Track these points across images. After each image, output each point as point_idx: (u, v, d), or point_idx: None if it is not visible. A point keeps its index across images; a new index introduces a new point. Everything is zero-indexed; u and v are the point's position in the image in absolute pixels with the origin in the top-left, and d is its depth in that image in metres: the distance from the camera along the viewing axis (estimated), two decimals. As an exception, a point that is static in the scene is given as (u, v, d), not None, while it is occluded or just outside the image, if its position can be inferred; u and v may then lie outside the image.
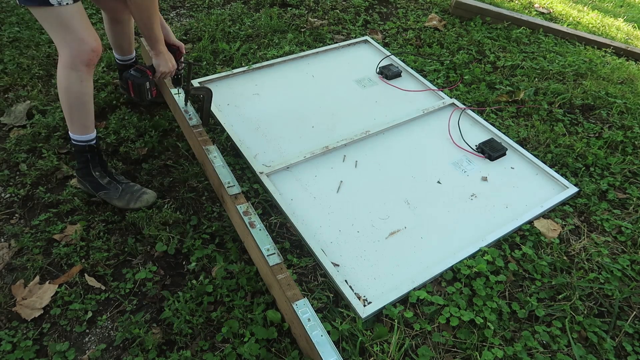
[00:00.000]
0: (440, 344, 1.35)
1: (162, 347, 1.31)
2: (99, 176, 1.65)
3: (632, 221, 1.77)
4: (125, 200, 1.65)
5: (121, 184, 1.67)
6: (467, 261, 1.56)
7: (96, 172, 1.65)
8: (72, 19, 1.37)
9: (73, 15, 1.37)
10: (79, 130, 1.58)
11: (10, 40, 2.47)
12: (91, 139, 1.61)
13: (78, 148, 1.61)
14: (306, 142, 1.98)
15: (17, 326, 1.34)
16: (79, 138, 1.59)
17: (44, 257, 1.52)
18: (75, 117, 1.55)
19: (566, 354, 1.36)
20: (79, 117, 1.55)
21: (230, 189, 1.61)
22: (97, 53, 1.45)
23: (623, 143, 2.15)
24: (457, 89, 2.41)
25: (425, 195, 1.79)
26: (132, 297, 1.43)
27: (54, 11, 1.34)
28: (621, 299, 1.50)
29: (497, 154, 1.96)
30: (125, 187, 1.67)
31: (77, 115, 1.55)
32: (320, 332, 1.23)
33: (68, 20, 1.37)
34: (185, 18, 2.85)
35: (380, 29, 2.92)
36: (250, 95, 2.21)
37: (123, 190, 1.66)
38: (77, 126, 1.57)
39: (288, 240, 1.61)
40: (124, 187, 1.67)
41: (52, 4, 1.32)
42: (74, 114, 1.54)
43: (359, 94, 2.30)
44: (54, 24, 1.38)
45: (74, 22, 1.38)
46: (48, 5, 1.32)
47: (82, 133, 1.59)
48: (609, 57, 2.93)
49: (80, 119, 1.56)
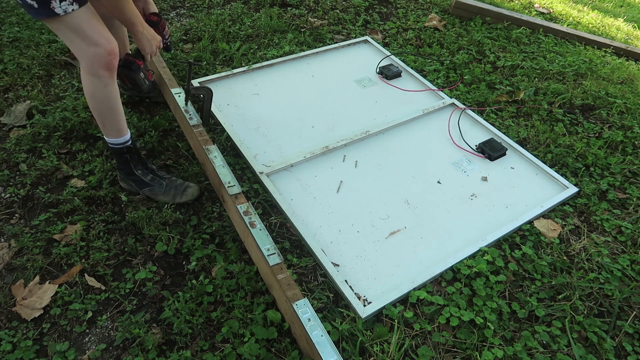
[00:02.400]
0: (440, 344, 1.35)
1: (162, 347, 1.31)
2: (142, 174, 1.66)
3: (632, 221, 1.77)
4: (171, 195, 1.66)
5: (164, 179, 1.68)
6: (467, 261, 1.56)
7: (138, 170, 1.66)
8: (82, 24, 1.33)
9: (82, 20, 1.33)
10: (113, 134, 1.58)
11: (10, 40, 2.47)
12: (126, 140, 1.62)
13: (116, 150, 1.62)
14: (306, 142, 1.98)
15: (17, 326, 1.34)
16: (115, 141, 1.60)
17: (44, 257, 1.52)
18: (106, 121, 1.55)
19: (566, 354, 1.36)
20: (110, 121, 1.55)
21: (231, 189, 1.61)
22: (114, 55, 1.41)
23: (623, 143, 2.15)
24: (457, 89, 2.41)
25: (425, 195, 1.79)
26: (132, 297, 1.43)
27: (62, 21, 1.31)
28: (621, 299, 1.50)
29: (497, 154, 1.96)
30: (168, 182, 1.68)
31: (108, 119, 1.54)
32: (320, 332, 1.23)
33: (78, 27, 1.33)
34: (185, 18, 2.85)
35: (380, 29, 2.92)
36: (250, 95, 2.21)
37: (167, 185, 1.67)
38: (111, 130, 1.57)
39: (288, 240, 1.61)
40: (167, 182, 1.68)
41: (58, 14, 1.29)
42: (105, 119, 1.54)
43: (359, 94, 2.30)
44: (66, 32, 1.35)
45: (85, 27, 1.34)
46: (55, 15, 1.29)
47: (116, 136, 1.59)
48: (609, 57, 2.93)
49: (112, 123, 1.56)
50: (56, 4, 1.27)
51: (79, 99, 2.09)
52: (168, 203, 1.67)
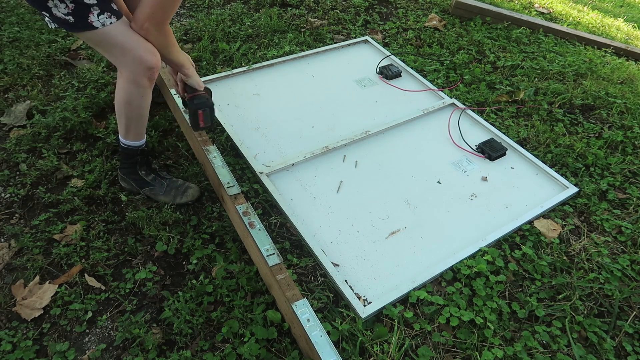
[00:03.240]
0: (440, 344, 1.35)
1: (162, 347, 1.31)
2: (144, 174, 1.67)
3: (632, 221, 1.77)
4: (171, 195, 1.67)
5: (165, 180, 1.69)
6: (467, 261, 1.56)
7: (142, 170, 1.67)
8: (121, 37, 1.30)
9: (123, 33, 1.30)
10: (133, 138, 1.59)
11: (10, 40, 2.47)
12: (142, 144, 1.64)
13: (129, 151, 1.63)
14: (306, 142, 1.98)
15: (17, 326, 1.34)
16: (132, 144, 1.61)
17: (44, 257, 1.52)
18: (132, 127, 1.56)
19: (566, 354, 1.36)
20: (136, 127, 1.57)
21: (230, 189, 1.61)
22: (156, 68, 1.40)
23: (623, 143, 2.15)
24: (457, 89, 2.41)
25: (425, 195, 1.79)
26: (132, 297, 1.43)
27: (101, 34, 1.28)
28: (621, 299, 1.50)
29: (497, 154, 1.96)
30: (169, 183, 1.68)
31: (134, 125, 1.56)
32: (319, 333, 1.23)
33: (119, 40, 1.30)
34: (185, 18, 2.85)
35: (380, 29, 2.92)
36: (250, 95, 2.21)
37: (168, 185, 1.67)
38: (133, 135, 1.59)
39: (288, 240, 1.61)
40: (168, 182, 1.68)
41: (96, 27, 1.26)
42: (131, 125, 1.55)
43: (359, 94, 2.30)
44: (106, 46, 1.33)
45: (126, 40, 1.31)
46: (93, 28, 1.26)
47: (136, 140, 1.60)
48: (609, 57, 2.93)
49: (137, 129, 1.58)
50: (94, 18, 1.25)
51: (79, 99, 2.09)
52: (168, 203, 1.67)
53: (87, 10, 1.24)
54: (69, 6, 1.23)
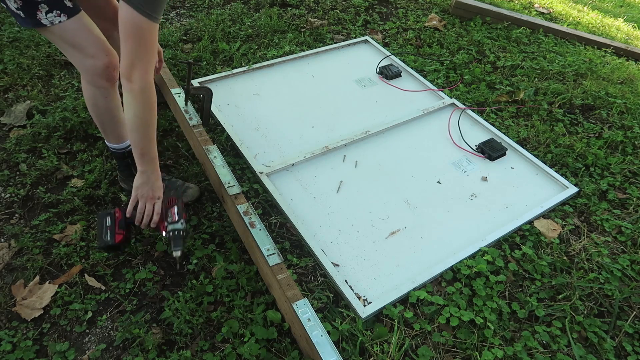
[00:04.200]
0: (440, 344, 1.35)
1: (162, 347, 1.31)
2: None
3: (632, 221, 1.77)
4: None
5: (164, 181, 1.67)
6: (467, 261, 1.56)
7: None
8: (74, 36, 1.27)
9: (73, 31, 1.26)
10: (114, 140, 1.58)
11: (10, 40, 2.47)
12: (127, 145, 1.61)
13: (117, 155, 1.62)
14: (306, 142, 1.98)
15: (17, 326, 1.34)
16: (117, 146, 1.59)
17: (44, 257, 1.52)
18: (108, 129, 1.54)
19: (566, 354, 1.36)
20: (112, 129, 1.54)
21: (231, 189, 1.61)
22: (113, 67, 1.36)
23: (623, 143, 2.15)
24: (457, 89, 2.41)
25: (425, 195, 1.79)
26: (132, 297, 1.43)
27: (51, 31, 1.25)
28: (621, 299, 1.50)
29: (497, 154, 1.96)
30: (168, 184, 1.66)
31: (109, 127, 1.53)
32: (320, 332, 1.23)
33: (70, 38, 1.27)
34: (185, 18, 2.85)
35: (380, 29, 2.92)
36: (250, 95, 2.21)
37: (167, 187, 1.65)
38: (113, 137, 1.56)
39: (288, 240, 1.61)
40: (167, 183, 1.66)
41: (44, 25, 1.22)
42: (106, 127, 1.53)
43: (359, 94, 2.30)
44: (58, 43, 1.30)
45: (78, 38, 1.27)
46: (42, 26, 1.23)
47: (118, 142, 1.58)
48: (609, 57, 2.93)
49: (114, 131, 1.54)
50: (42, 15, 1.22)
51: (79, 99, 2.10)
52: None
53: (35, 8, 1.20)
54: (17, 1, 1.20)
